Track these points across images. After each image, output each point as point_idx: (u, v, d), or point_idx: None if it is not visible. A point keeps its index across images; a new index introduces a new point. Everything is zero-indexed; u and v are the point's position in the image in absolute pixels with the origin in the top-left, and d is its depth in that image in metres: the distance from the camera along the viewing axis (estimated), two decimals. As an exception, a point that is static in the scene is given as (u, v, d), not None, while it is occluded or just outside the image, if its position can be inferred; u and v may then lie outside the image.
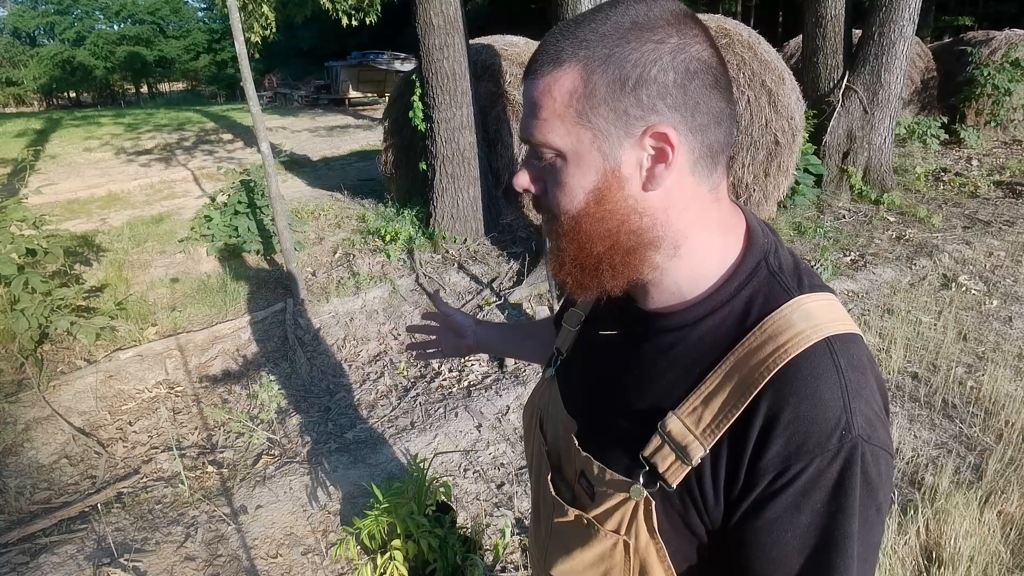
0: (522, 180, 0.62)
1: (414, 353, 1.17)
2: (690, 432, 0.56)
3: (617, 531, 0.62)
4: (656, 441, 0.58)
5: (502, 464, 2.71)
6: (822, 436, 0.51)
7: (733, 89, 0.59)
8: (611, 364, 0.68)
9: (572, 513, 0.67)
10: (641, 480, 0.59)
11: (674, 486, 0.57)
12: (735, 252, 0.61)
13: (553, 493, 0.70)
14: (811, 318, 0.55)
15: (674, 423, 0.57)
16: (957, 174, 6.89)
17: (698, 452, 0.55)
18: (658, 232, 0.59)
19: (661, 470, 0.58)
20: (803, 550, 0.52)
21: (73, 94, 38.37)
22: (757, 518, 0.53)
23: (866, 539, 0.52)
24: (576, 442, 0.68)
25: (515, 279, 4.54)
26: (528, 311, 4.06)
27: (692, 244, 0.60)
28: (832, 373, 0.52)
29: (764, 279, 0.59)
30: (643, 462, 0.59)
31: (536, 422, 0.81)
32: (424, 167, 5.29)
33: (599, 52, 0.54)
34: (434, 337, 1.16)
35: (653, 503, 0.59)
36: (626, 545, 0.61)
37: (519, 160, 5.59)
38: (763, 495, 0.53)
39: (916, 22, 5.73)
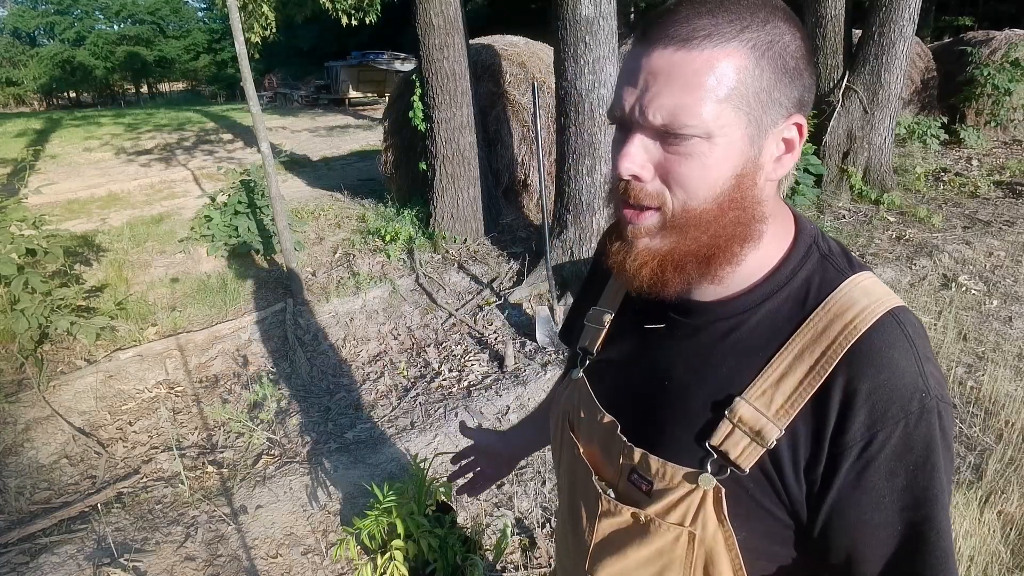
0: (633, 162, 0.56)
1: (465, 490, 1.11)
2: (763, 415, 0.57)
3: (681, 523, 0.61)
4: (725, 428, 0.59)
5: (502, 464, 2.70)
6: (904, 401, 0.53)
7: None
8: (661, 357, 0.67)
9: (627, 511, 0.65)
10: (710, 469, 0.59)
11: (747, 470, 0.57)
12: (788, 238, 0.63)
13: (601, 493, 0.68)
14: (870, 294, 0.57)
15: (744, 408, 0.58)
16: (957, 174, 6.89)
17: (773, 434, 0.56)
18: (767, 223, 0.60)
19: (733, 456, 0.58)
20: (904, 510, 0.54)
21: (73, 94, 38.34)
22: (855, 488, 0.54)
23: (949, 488, 0.55)
24: (625, 439, 0.66)
25: (515, 279, 4.54)
26: (528, 311, 4.06)
27: (769, 233, 0.61)
28: (904, 341, 0.55)
29: (817, 262, 0.61)
30: (711, 450, 0.59)
31: (564, 425, 0.78)
32: (424, 167, 5.29)
33: (764, 37, 0.54)
34: (478, 469, 1.12)
35: (723, 490, 0.59)
36: (691, 536, 0.61)
37: (520, 160, 5.59)
38: (856, 466, 0.54)
39: (916, 22, 5.73)
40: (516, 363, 3.51)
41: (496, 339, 3.82)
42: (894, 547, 0.55)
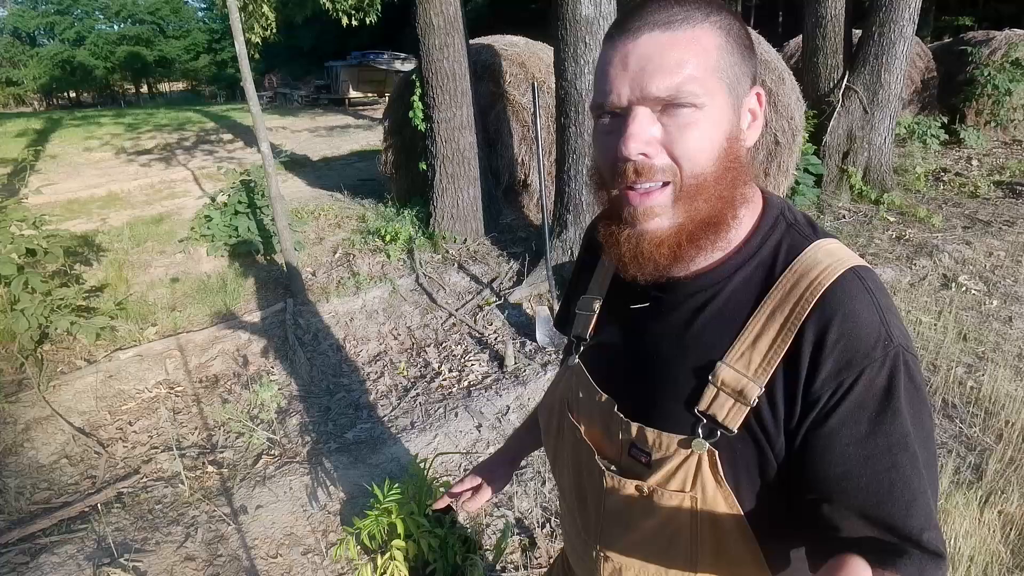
0: (638, 140, 0.59)
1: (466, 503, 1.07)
2: (743, 375, 0.60)
3: (682, 490, 0.63)
4: (711, 392, 0.62)
5: (502, 464, 2.70)
6: (867, 348, 0.56)
7: None
8: (648, 334, 0.70)
9: (630, 485, 0.67)
10: (701, 433, 0.62)
11: (735, 430, 0.60)
12: (757, 211, 0.67)
13: (604, 470, 0.71)
14: (833, 254, 0.62)
15: (725, 371, 0.61)
16: (957, 174, 6.89)
17: (754, 392, 0.59)
18: (752, 187, 0.66)
19: (720, 418, 0.61)
20: (868, 458, 0.55)
21: (73, 94, 38.38)
22: (819, 436, 0.57)
23: (922, 433, 0.56)
24: (622, 415, 0.69)
25: (515, 279, 4.54)
26: (528, 311, 4.06)
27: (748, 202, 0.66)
28: (864, 294, 0.58)
29: (784, 231, 0.66)
30: (700, 416, 0.62)
31: (564, 411, 0.81)
32: (424, 167, 5.29)
33: (724, 21, 0.61)
34: (478, 482, 1.08)
35: (717, 452, 0.61)
36: (693, 501, 0.63)
37: (520, 160, 5.59)
38: (822, 412, 0.56)
39: (916, 22, 5.73)
40: (516, 363, 3.51)
41: (496, 339, 3.82)
42: (860, 492, 0.55)
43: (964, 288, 4.10)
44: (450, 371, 3.54)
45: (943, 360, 3.23)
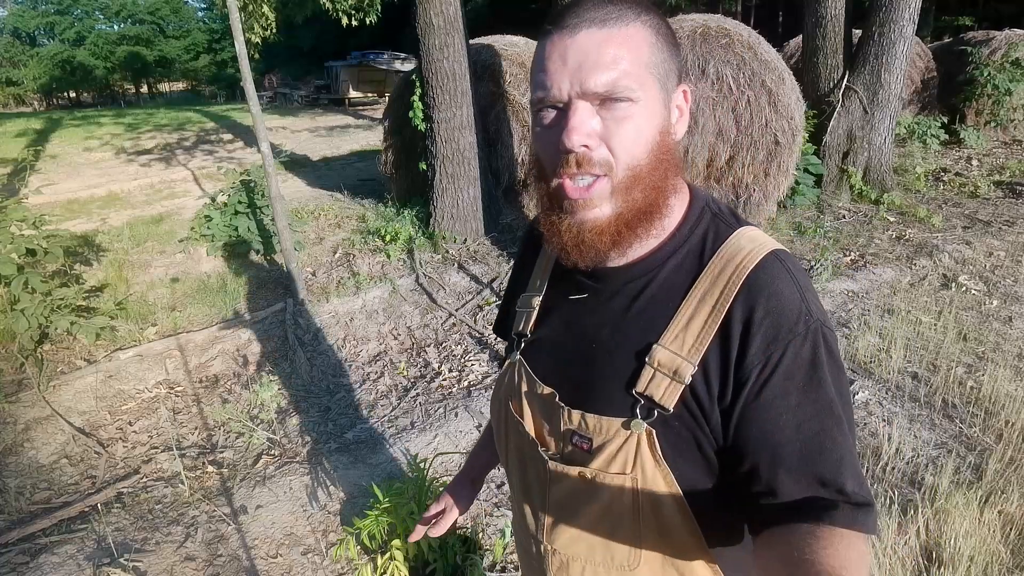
0: (581, 133, 0.61)
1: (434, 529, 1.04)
2: (677, 355, 0.63)
3: (623, 471, 0.66)
4: (648, 373, 0.65)
5: (502, 464, 2.70)
6: (790, 323, 0.60)
7: None
8: (587, 324, 0.73)
9: (574, 471, 0.69)
10: (639, 414, 0.65)
11: (671, 408, 0.63)
12: (686, 200, 0.72)
13: (548, 460, 0.73)
14: (755, 240, 0.67)
15: (661, 352, 0.64)
16: (957, 174, 6.89)
17: (688, 370, 0.63)
18: (681, 178, 0.69)
19: (657, 398, 0.64)
20: (800, 425, 0.59)
21: (73, 94, 38.39)
22: (754, 408, 0.60)
23: (843, 400, 0.61)
24: (563, 405, 0.71)
25: (515, 279, 4.54)
26: (528, 311, 4.06)
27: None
28: (785, 274, 0.63)
29: (709, 220, 0.70)
30: (638, 397, 0.65)
31: (508, 408, 0.82)
32: (424, 167, 5.29)
33: (653, 20, 0.64)
34: (441, 508, 1.06)
35: (654, 431, 0.64)
36: (634, 483, 0.65)
37: (519, 160, 5.59)
38: (755, 386, 0.60)
39: (916, 22, 5.73)
40: (516, 363, 3.51)
41: (496, 339, 3.82)
42: (794, 456, 0.59)
43: (964, 288, 4.10)
44: (450, 371, 3.54)
45: (943, 360, 3.23)
